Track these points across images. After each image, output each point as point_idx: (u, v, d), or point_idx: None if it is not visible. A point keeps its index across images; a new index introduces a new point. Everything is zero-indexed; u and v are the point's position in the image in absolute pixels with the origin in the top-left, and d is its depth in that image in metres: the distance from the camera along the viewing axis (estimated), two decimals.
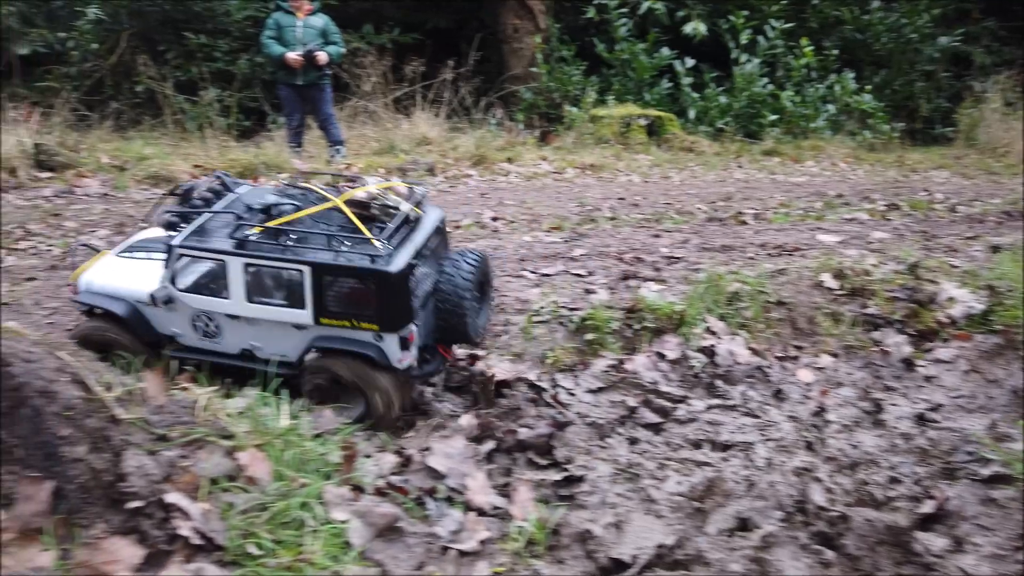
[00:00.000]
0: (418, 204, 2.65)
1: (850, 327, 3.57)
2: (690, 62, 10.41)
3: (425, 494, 2.07)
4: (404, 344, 2.46)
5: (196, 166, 6.85)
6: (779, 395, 3.08)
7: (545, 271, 3.92)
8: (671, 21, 10.56)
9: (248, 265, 2.40)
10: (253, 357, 2.54)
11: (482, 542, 1.85)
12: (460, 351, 3.12)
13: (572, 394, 2.86)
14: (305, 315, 2.42)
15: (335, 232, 2.44)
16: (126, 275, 2.65)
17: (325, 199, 2.56)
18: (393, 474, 2.17)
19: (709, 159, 9.26)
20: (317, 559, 1.67)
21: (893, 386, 3.23)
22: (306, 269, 2.36)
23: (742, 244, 4.64)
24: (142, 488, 1.68)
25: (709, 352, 3.24)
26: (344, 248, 2.39)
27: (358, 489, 2.01)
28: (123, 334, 2.55)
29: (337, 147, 7.86)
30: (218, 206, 2.60)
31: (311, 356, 2.51)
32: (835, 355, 3.45)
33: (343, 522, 1.81)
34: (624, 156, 9.09)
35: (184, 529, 1.61)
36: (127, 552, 1.56)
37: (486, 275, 2.79)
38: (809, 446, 2.67)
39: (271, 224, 2.45)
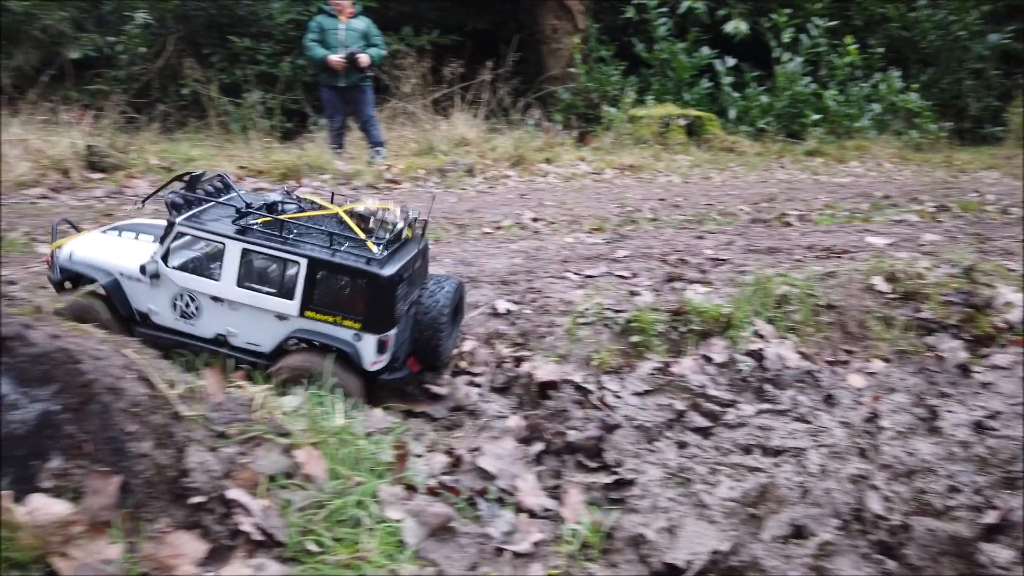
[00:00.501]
0: (411, 226, 2.75)
1: (903, 331, 3.49)
2: (731, 61, 10.29)
3: (476, 495, 2.08)
4: (381, 347, 2.55)
5: (241, 167, 6.98)
6: (830, 400, 3.02)
7: (588, 272, 3.90)
8: (711, 20, 10.45)
9: (246, 251, 2.49)
10: (225, 343, 2.61)
11: (535, 544, 1.84)
12: (504, 351, 3.13)
13: (619, 396, 2.84)
14: (292, 306, 2.51)
15: (334, 231, 2.54)
16: (110, 249, 2.72)
17: (326, 207, 2.68)
18: (444, 474, 2.18)
19: (750, 159, 9.14)
20: (374, 557, 1.68)
21: (948, 392, 3.15)
22: (303, 261, 2.46)
23: (788, 246, 4.56)
24: (204, 484, 1.71)
25: (757, 356, 3.19)
26: (341, 248, 2.49)
27: (411, 488, 2.02)
28: (99, 307, 2.60)
29: (377, 148, 7.94)
30: (220, 198, 2.72)
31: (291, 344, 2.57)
32: (887, 360, 3.37)
33: (398, 521, 1.83)
34: (663, 156, 9.02)
35: (246, 525, 1.64)
36: (191, 546, 1.59)
37: (460, 301, 2.91)
38: (863, 453, 2.61)
39: (276, 217, 2.53)
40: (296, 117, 10.37)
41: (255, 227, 2.51)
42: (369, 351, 2.53)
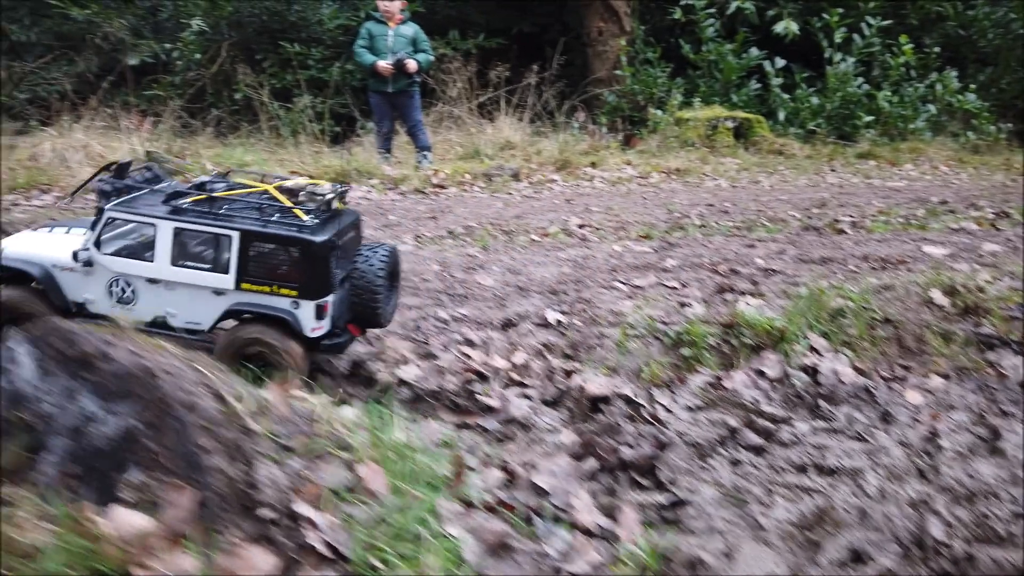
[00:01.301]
0: (342, 198, 2.84)
1: (962, 347, 3.41)
2: (780, 63, 10.13)
3: (532, 511, 2.11)
4: (319, 313, 2.63)
5: (292, 171, 7.12)
6: (887, 418, 2.96)
7: (637, 282, 3.90)
8: (761, 21, 10.29)
9: (178, 230, 2.57)
10: (165, 324, 2.68)
11: (593, 566, 1.86)
12: (554, 362, 3.15)
13: (670, 411, 2.84)
14: (228, 279, 2.59)
15: (264, 203, 2.64)
16: (42, 243, 2.79)
17: (255, 185, 2.78)
18: (499, 489, 2.21)
19: (800, 162, 8.99)
20: (435, 574, 1.72)
21: (1011, 411, 3.06)
22: (235, 235, 2.54)
23: (842, 256, 4.48)
24: (272, 498, 1.77)
25: (811, 371, 3.15)
26: (272, 220, 2.59)
27: (468, 504, 2.06)
28: (35, 300, 2.66)
29: (424, 152, 8.03)
30: (150, 186, 2.80)
31: (228, 323, 2.64)
32: (946, 376, 3.29)
33: (456, 537, 1.86)
34: (711, 160, 8.93)
35: (313, 539, 1.69)
36: (262, 560, 1.65)
37: (396, 267, 2.97)
38: (922, 474, 2.56)
39: (206, 194, 2.63)
40: (344, 121, 10.55)
41: (186, 206, 2.60)
42: (308, 318, 2.61)
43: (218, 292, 2.62)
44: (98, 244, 2.63)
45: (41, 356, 1.79)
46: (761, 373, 3.14)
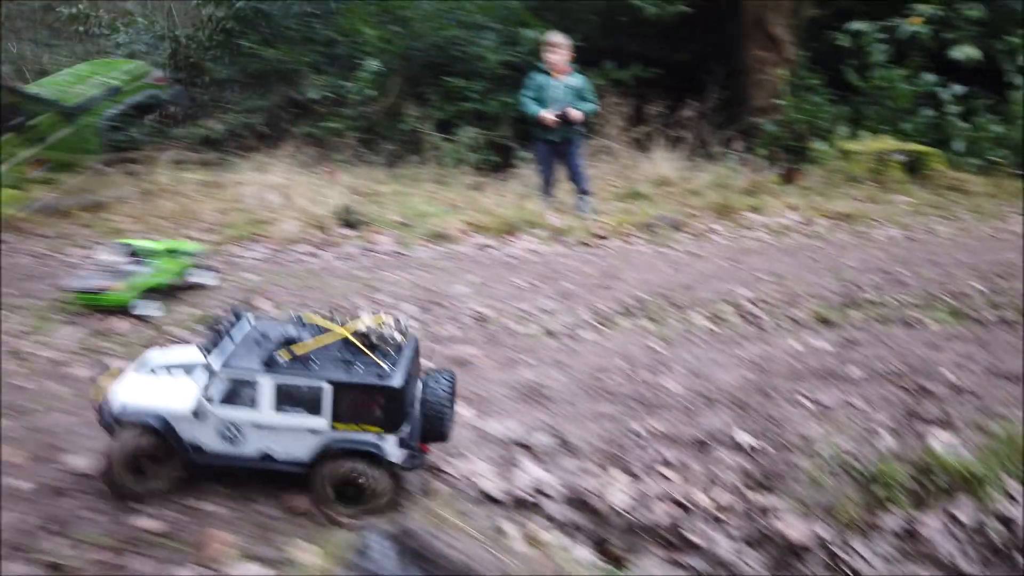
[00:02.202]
0: (404, 333, 3.26)
1: None
2: (958, 89, 9.58)
3: None
4: (402, 443, 3.08)
5: (468, 223, 7.67)
6: None
7: (822, 398, 4.05)
8: (938, 45, 9.76)
9: (278, 384, 3.00)
10: (270, 458, 3.11)
11: None
12: (751, 496, 3.40)
13: (867, 561, 3.04)
14: (323, 422, 3.03)
15: (349, 358, 3.08)
16: (155, 392, 3.18)
17: (334, 331, 3.18)
18: None
19: (980, 202, 8.54)
20: None
21: None
22: (327, 386, 2.99)
23: None
24: None
25: (1005, 520, 3.23)
26: (355, 367, 3.03)
27: None
28: (156, 446, 3.05)
29: (584, 196, 8.36)
30: (239, 333, 3.23)
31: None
32: None
33: None
34: (879, 198, 8.67)
35: None
36: None
37: (455, 388, 3.40)
38: None
39: (297, 356, 3.05)
40: (503, 151, 11.07)
41: (281, 362, 3.04)
42: (392, 448, 3.07)
43: (314, 431, 3.08)
44: (209, 396, 3.09)
45: (399, 550, 2.28)
46: (954, 518, 3.25)
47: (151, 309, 5.10)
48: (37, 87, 6.42)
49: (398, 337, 3.26)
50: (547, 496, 3.37)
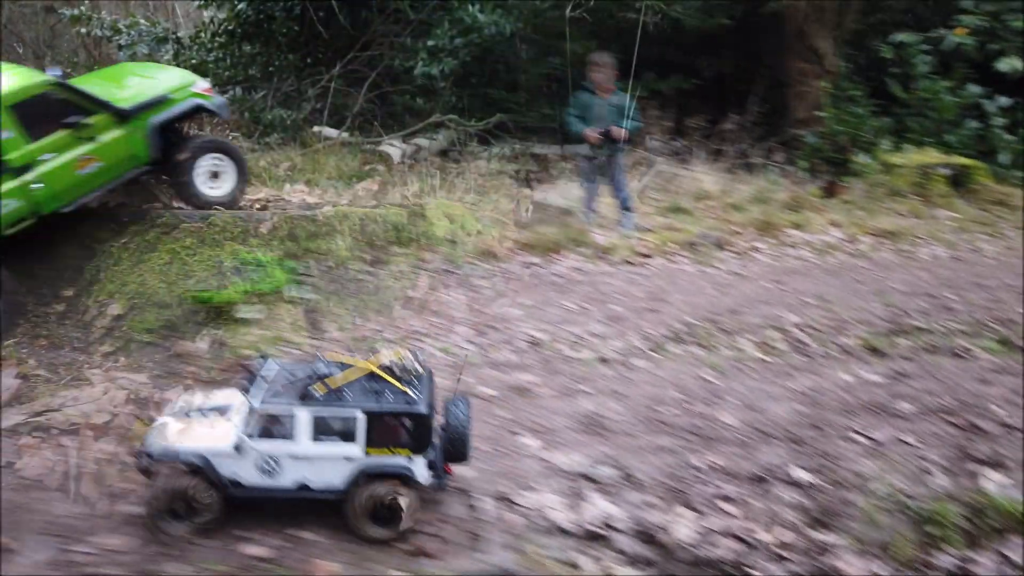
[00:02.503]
0: (422, 365, 3.55)
1: None
2: (1003, 100, 9.54)
3: None
4: (430, 465, 3.39)
5: (514, 239, 7.83)
6: None
7: (874, 435, 4.19)
8: (983, 56, 9.71)
9: (316, 416, 3.28)
10: (307, 487, 3.35)
11: None
12: (809, 533, 3.57)
13: None
14: (357, 448, 3.32)
15: (377, 389, 3.36)
16: (195, 434, 3.42)
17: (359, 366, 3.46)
18: None
19: None
20: None
21: None
22: (361, 416, 3.28)
23: None
24: None
25: None
26: (384, 396, 3.33)
27: None
28: (196, 486, 3.28)
29: (626, 211, 8.51)
30: (269, 373, 3.49)
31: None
32: None
33: None
34: (923, 214, 8.69)
35: None
36: None
37: (470, 414, 3.65)
38: None
39: (332, 390, 3.34)
40: (540, 160, 11.25)
41: (317, 395, 3.30)
42: (422, 470, 3.37)
43: (348, 459, 3.34)
44: (249, 432, 3.34)
45: None
46: (1007, 559, 3.39)
47: None
48: (86, 84, 6.51)
49: (419, 368, 3.56)
50: (616, 530, 3.58)
